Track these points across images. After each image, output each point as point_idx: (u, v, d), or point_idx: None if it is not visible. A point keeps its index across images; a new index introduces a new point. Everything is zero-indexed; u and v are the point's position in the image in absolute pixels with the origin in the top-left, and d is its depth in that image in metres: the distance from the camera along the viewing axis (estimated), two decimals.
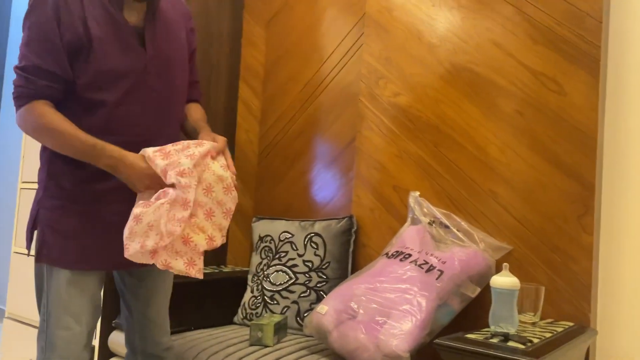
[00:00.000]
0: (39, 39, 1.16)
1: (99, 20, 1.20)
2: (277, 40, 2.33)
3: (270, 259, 2.02)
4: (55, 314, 1.23)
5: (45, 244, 1.23)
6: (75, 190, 1.24)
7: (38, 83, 1.17)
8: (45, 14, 1.15)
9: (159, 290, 1.42)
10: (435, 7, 1.85)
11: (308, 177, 2.17)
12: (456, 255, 1.57)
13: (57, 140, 1.18)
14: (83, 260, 1.24)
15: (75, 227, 1.24)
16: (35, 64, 1.16)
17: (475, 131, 1.72)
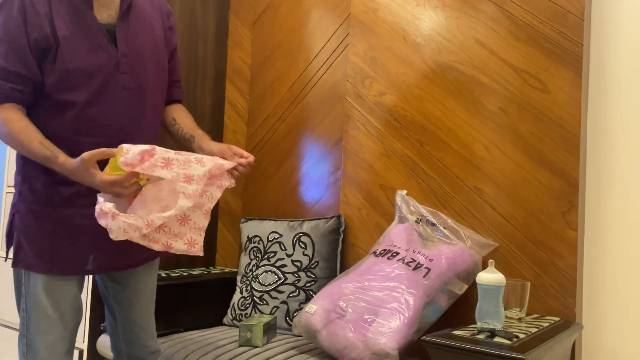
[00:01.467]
0: (4, 40, 1.14)
1: (66, 19, 1.17)
2: (263, 41, 2.33)
3: (259, 260, 2.02)
4: (35, 319, 1.22)
5: (21, 249, 1.23)
6: (47, 194, 1.22)
7: (5, 86, 1.15)
8: (11, 15, 1.14)
9: (142, 293, 1.41)
10: (420, 6, 1.86)
11: (296, 177, 2.17)
12: (443, 252, 1.58)
13: (19, 148, 1.18)
14: (57, 265, 1.23)
15: (48, 231, 1.22)
16: (2, 67, 1.14)
17: (460, 129, 1.74)
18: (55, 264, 1.23)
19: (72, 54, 1.17)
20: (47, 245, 1.22)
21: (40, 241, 1.22)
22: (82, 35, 1.19)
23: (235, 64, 2.43)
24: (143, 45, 1.28)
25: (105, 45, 1.22)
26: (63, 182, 1.21)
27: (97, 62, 1.20)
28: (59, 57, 1.16)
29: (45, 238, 1.22)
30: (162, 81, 1.36)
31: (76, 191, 1.22)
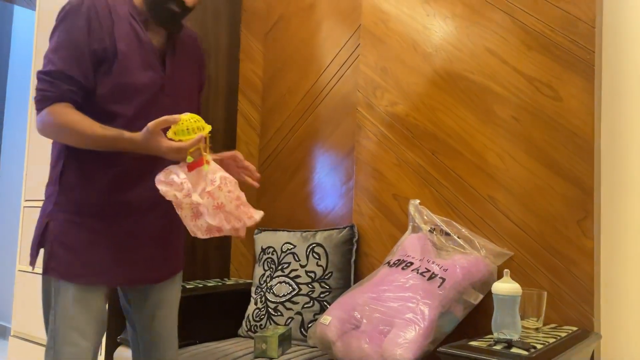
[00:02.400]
0: (67, 46, 1.21)
1: (125, 36, 1.25)
2: (275, 53, 2.35)
3: (273, 271, 2.02)
4: (62, 331, 1.24)
5: (54, 256, 1.25)
6: (86, 205, 1.26)
7: (62, 87, 1.20)
8: (77, 24, 1.21)
9: (165, 303, 1.43)
10: (430, 17, 1.87)
11: (309, 187, 2.18)
12: (458, 262, 1.57)
13: (78, 137, 1.20)
14: (90, 275, 1.25)
15: (83, 241, 1.25)
16: (60, 69, 1.20)
17: (472, 138, 1.74)
18: (89, 274, 1.25)
19: (126, 69, 1.25)
20: (81, 254, 1.25)
21: (75, 250, 1.25)
22: (136, 53, 1.27)
23: (247, 76, 2.45)
24: (183, 73, 1.37)
25: (156, 66, 1.31)
26: (101, 193, 1.26)
27: (146, 80, 1.28)
28: (115, 70, 1.23)
29: (80, 247, 1.25)
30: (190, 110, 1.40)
31: (118, 203, 1.27)
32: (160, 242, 1.37)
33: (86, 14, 1.21)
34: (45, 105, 1.21)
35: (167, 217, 1.33)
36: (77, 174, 1.26)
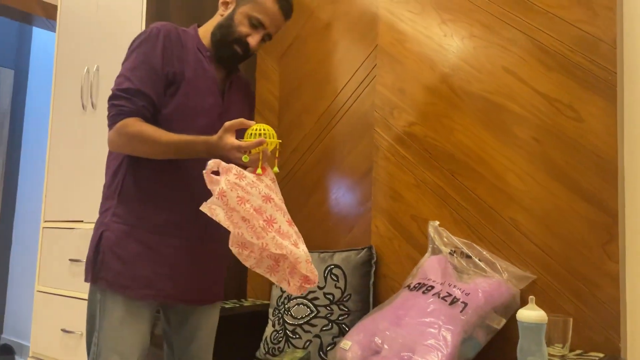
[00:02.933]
0: (144, 67, 1.31)
1: (192, 64, 1.37)
2: (291, 73, 2.36)
3: None
4: (104, 354, 1.26)
5: (104, 265, 1.28)
6: (142, 219, 1.31)
7: (137, 103, 1.29)
8: (154, 48, 1.32)
9: (203, 327, 1.46)
10: (447, 37, 1.86)
11: (325, 208, 2.17)
12: (479, 286, 1.55)
13: (151, 145, 1.25)
14: (136, 287, 1.28)
15: (134, 253, 1.29)
16: (137, 87, 1.29)
17: (492, 159, 1.72)
18: (135, 286, 1.28)
19: (190, 92, 1.35)
20: (130, 266, 1.28)
21: (125, 261, 1.28)
22: (201, 80, 1.38)
23: (263, 96, 2.46)
24: (237, 107, 1.48)
25: (217, 94, 1.41)
26: (157, 210, 1.32)
27: (207, 106, 1.38)
28: (180, 92, 1.33)
29: (131, 259, 1.29)
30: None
31: (171, 220, 1.32)
32: (209, 265, 1.41)
33: (162, 41, 1.33)
34: (120, 119, 1.28)
35: (218, 242, 1.38)
36: (135, 190, 1.32)
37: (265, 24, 1.41)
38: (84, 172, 2.22)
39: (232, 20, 1.40)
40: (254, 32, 1.40)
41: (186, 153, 1.26)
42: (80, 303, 2.11)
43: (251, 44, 1.40)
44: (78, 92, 2.29)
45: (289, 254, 1.17)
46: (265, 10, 1.40)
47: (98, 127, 2.17)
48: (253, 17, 1.39)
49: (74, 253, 2.17)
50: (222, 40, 1.40)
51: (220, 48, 1.41)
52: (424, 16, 1.93)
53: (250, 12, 1.39)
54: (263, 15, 1.40)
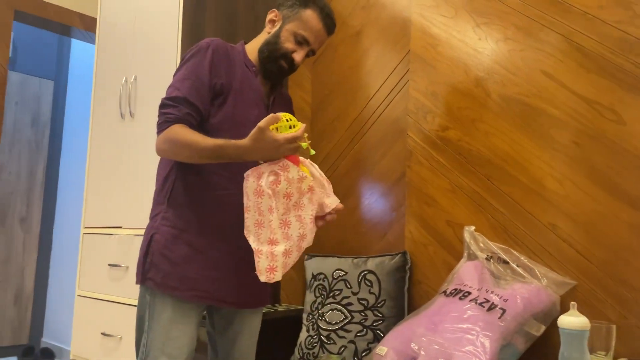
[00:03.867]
0: (192, 78, 1.37)
1: (239, 77, 1.43)
2: (323, 80, 2.37)
3: (324, 297, 2.01)
4: (153, 354, 1.30)
5: (154, 266, 1.33)
6: (191, 222, 1.36)
7: (183, 110, 1.34)
8: (202, 60, 1.38)
9: (246, 332, 1.49)
10: (481, 40, 1.85)
11: (358, 213, 2.17)
12: (518, 292, 1.52)
13: (193, 151, 1.29)
14: (184, 289, 1.32)
15: (183, 256, 1.33)
16: (183, 96, 1.35)
17: (529, 163, 1.69)
18: (183, 288, 1.32)
19: (237, 103, 1.41)
20: (179, 268, 1.33)
21: (174, 263, 1.33)
22: (247, 92, 1.44)
23: (295, 103, 2.47)
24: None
25: (262, 106, 1.47)
26: (205, 214, 1.36)
27: (252, 117, 1.41)
28: (228, 103, 1.39)
29: (179, 261, 1.33)
30: None
31: (218, 224, 1.37)
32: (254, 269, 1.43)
33: (210, 54, 1.39)
34: (166, 126, 1.33)
35: None
36: (184, 195, 1.37)
37: (310, 40, 1.48)
38: (122, 179, 2.28)
39: (278, 38, 1.46)
40: (299, 49, 1.47)
41: (220, 157, 1.28)
42: (120, 307, 2.16)
43: (296, 59, 1.47)
44: (117, 102, 2.35)
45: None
46: (310, 28, 1.46)
47: (136, 136, 2.23)
48: (299, 34, 1.46)
49: (113, 258, 2.23)
50: (269, 56, 1.46)
51: (267, 63, 1.47)
52: (457, 20, 1.92)
53: (296, 29, 1.46)
54: (308, 33, 1.47)
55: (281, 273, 1.25)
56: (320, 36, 1.49)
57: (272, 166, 1.25)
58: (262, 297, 1.51)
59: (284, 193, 1.25)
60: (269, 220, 1.23)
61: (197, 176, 1.37)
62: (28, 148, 4.16)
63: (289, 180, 1.25)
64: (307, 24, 1.46)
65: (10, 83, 4.06)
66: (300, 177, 1.27)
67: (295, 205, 1.28)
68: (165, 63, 2.14)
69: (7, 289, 3.99)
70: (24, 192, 4.12)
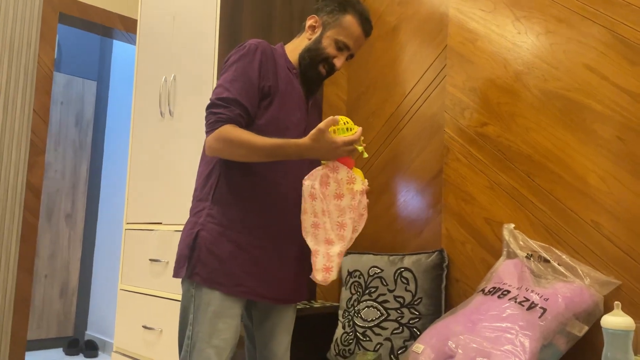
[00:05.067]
0: (242, 79, 1.39)
1: (284, 80, 1.46)
2: (358, 77, 2.37)
3: (360, 295, 2.01)
4: (199, 346, 1.33)
5: (200, 262, 1.36)
6: (234, 220, 1.39)
7: (234, 111, 1.36)
8: (252, 63, 1.41)
9: (282, 326, 1.52)
10: (521, 34, 1.81)
11: (394, 210, 2.16)
12: (559, 291, 1.49)
13: (248, 149, 1.32)
14: (230, 284, 1.35)
15: (228, 252, 1.37)
16: (234, 97, 1.37)
17: (571, 159, 1.65)
18: (229, 283, 1.36)
19: (283, 105, 1.44)
20: (225, 264, 1.36)
21: (220, 259, 1.36)
22: (290, 95, 1.47)
23: (331, 100, 2.48)
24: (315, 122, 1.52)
25: (303, 108, 1.51)
26: (248, 212, 1.39)
27: (295, 120, 1.47)
28: (274, 105, 1.42)
29: (225, 258, 1.36)
30: None
31: (259, 222, 1.40)
32: (295, 267, 1.48)
33: (259, 56, 1.41)
34: (218, 125, 1.35)
35: (298, 245, 1.46)
36: (227, 193, 1.40)
37: (350, 45, 1.51)
38: (162, 176, 2.33)
39: (320, 44, 1.49)
40: (340, 54, 1.50)
41: (278, 156, 1.32)
42: (160, 301, 2.21)
43: (337, 65, 1.50)
44: (156, 101, 2.41)
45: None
46: (350, 34, 1.49)
47: (175, 134, 2.28)
48: (340, 41, 1.48)
49: (154, 253, 2.29)
50: (310, 63, 1.49)
51: (309, 70, 1.50)
52: (496, 14, 1.89)
53: (337, 36, 1.48)
54: (349, 39, 1.49)
55: (336, 273, 1.31)
56: (359, 40, 1.52)
57: (324, 169, 1.32)
58: (302, 293, 1.53)
59: (334, 194, 1.31)
60: (324, 222, 1.30)
61: (240, 175, 1.40)
62: (72, 147, 4.31)
63: (338, 181, 1.31)
64: (348, 30, 1.48)
65: (55, 84, 4.21)
66: (349, 178, 1.31)
67: (349, 207, 1.32)
68: (203, 62, 2.18)
69: (54, 283, 4.15)
70: (68, 190, 4.27)
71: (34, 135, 2.91)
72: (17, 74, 2.85)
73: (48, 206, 4.15)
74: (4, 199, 2.77)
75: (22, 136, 2.86)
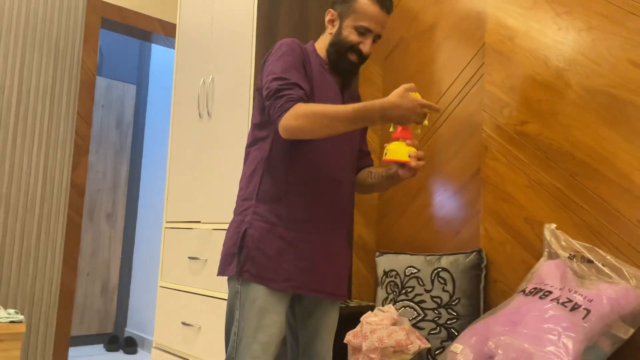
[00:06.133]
0: (295, 70, 1.41)
1: (317, 75, 1.48)
2: (394, 76, 2.37)
3: (396, 295, 2.01)
4: (245, 341, 1.35)
5: (250, 259, 1.38)
6: (281, 217, 1.41)
7: (299, 92, 1.38)
8: (296, 56, 1.44)
9: (325, 325, 1.53)
10: (562, 30, 1.77)
11: (431, 210, 2.14)
12: (604, 292, 1.45)
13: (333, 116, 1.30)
14: (280, 280, 1.38)
15: (276, 248, 1.39)
16: (296, 82, 1.39)
17: (616, 157, 1.61)
18: (278, 279, 1.37)
19: (320, 97, 1.46)
20: (273, 260, 1.38)
21: (269, 256, 1.38)
22: (325, 89, 1.49)
23: (366, 99, 2.48)
24: None
25: (339, 99, 1.52)
26: (292, 207, 1.42)
27: None
28: (313, 97, 1.44)
29: (273, 254, 1.39)
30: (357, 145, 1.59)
31: (306, 217, 1.42)
32: (340, 260, 1.50)
33: (300, 53, 1.45)
34: (291, 104, 1.34)
35: (346, 240, 1.50)
36: (272, 190, 1.43)
37: (371, 27, 1.47)
38: (201, 176, 2.38)
39: (341, 35, 1.48)
40: (364, 39, 1.48)
41: (362, 119, 1.30)
42: (199, 298, 2.26)
43: (364, 50, 1.48)
44: (195, 102, 2.46)
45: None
46: (367, 17, 1.46)
47: (213, 134, 2.32)
48: (359, 26, 1.46)
49: (193, 251, 2.33)
50: (337, 56, 1.49)
51: (339, 62, 1.50)
52: (536, 10, 1.86)
53: (355, 22, 1.47)
54: (368, 22, 1.46)
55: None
56: (381, 19, 1.48)
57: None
58: (343, 289, 1.54)
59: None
60: None
61: (284, 171, 1.42)
62: (113, 149, 4.43)
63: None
64: (364, 12, 1.46)
65: (96, 87, 4.34)
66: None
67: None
68: (240, 64, 2.22)
69: (95, 281, 4.27)
70: (109, 190, 4.39)
71: (78, 137, 3.01)
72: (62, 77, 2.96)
73: (90, 206, 4.28)
74: (50, 198, 2.88)
75: (66, 137, 2.96)
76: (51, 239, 2.88)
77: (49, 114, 2.90)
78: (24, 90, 2.81)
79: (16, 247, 2.74)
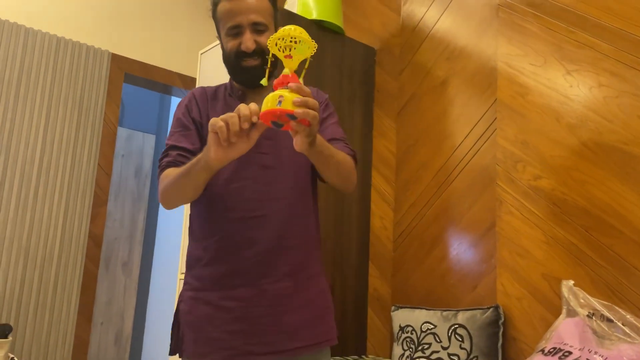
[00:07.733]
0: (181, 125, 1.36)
1: (223, 108, 1.37)
2: (407, 130, 2.40)
3: (412, 351, 1.97)
4: None
5: (183, 337, 1.27)
6: (202, 279, 1.28)
7: (171, 156, 1.31)
8: (180, 111, 1.39)
9: None
10: (573, 87, 1.80)
11: (446, 263, 2.13)
12: (624, 353, 1.41)
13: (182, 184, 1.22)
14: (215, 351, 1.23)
15: (204, 317, 1.25)
16: (173, 144, 1.33)
17: (631, 214, 1.60)
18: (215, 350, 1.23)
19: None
20: (203, 331, 1.25)
21: (198, 328, 1.25)
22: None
23: (380, 152, 2.52)
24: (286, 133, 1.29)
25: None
26: (212, 265, 1.27)
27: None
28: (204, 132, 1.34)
29: (202, 324, 1.25)
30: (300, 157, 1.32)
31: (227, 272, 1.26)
32: (287, 309, 1.26)
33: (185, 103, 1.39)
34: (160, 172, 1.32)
35: (298, 278, 1.28)
36: (193, 252, 1.33)
37: (237, 22, 1.33)
38: None
39: (224, 49, 1.38)
40: (240, 37, 1.33)
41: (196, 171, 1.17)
42: None
43: (245, 47, 1.31)
44: None
45: None
46: (226, 16, 1.34)
47: None
48: (228, 30, 1.34)
49: None
50: (234, 70, 1.37)
51: (239, 76, 1.37)
52: (546, 68, 1.90)
53: (224, 29, 1.35)
54: (230, 20, 1.33)
55: None
56: (238, 8, 1.32)
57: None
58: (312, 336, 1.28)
59: None
60: None
61: (199, 229, 1.32)
62: (131, 197, 4.50)
63: None
64: (222, 15, 1.35)
65: (117, 138, 4.46)
66: None
67: None
68: None
69: (109, 330, 4.25)
70: (126, 238, 4.43)
71: (98, 187, 3.07)
72: (85, 130, 3.05)
73: (106, 254, 4.31)
74: (67, 248, 2.91)
75: (86, 188, 3.02)
76: (67, 289, 2.89)
77: (71, 166, 2.98)
78: (48, 143, 2.90)
79: (33, 298, 2.76)
